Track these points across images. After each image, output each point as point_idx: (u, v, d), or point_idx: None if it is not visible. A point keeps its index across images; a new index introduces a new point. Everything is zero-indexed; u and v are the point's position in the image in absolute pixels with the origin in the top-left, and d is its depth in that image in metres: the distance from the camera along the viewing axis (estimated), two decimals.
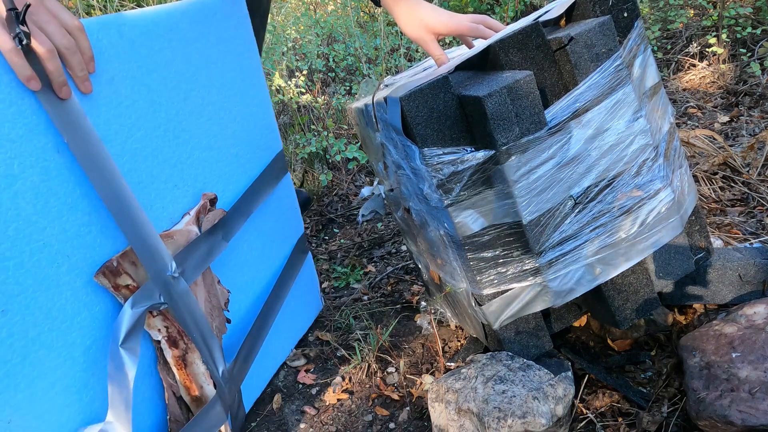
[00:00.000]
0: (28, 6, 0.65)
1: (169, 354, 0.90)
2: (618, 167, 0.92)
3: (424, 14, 1.07)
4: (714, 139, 1.84)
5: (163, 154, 0.92)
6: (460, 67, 0.94)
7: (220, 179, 1.05)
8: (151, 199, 0.90)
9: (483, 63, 0.95)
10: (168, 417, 0.92)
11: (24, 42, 0.64)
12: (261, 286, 1.20)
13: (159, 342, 0.90)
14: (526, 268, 0.96)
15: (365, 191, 2.20)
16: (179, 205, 0.95)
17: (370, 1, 0.97)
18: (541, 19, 0.91)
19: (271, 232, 1.23)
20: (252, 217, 1.14)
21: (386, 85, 1.09)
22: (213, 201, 0.99)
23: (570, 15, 0.99)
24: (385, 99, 0.91)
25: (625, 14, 0.95)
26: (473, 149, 0.88)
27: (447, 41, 3.32)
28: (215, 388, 0.95)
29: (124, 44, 0.84)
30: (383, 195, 1.94)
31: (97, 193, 0.79)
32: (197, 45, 0.99)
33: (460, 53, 1.06)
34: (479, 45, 0.95)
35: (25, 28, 0.64)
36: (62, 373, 0.76)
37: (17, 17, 0.63)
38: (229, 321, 1.05)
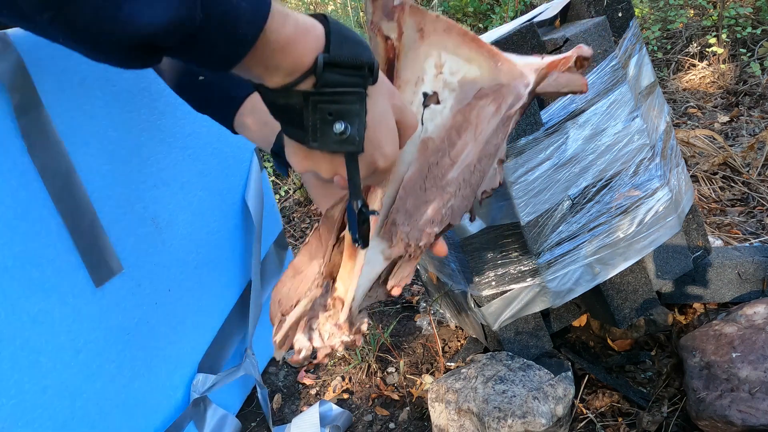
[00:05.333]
0: None
1: None
2: (615, 167, 0.92)
3: None
4: (714, 139, 1.84)
5: (143, 154, 0.93)
6: None
7: (199, 178, 1.07)
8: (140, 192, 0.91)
9: None
10: None
11: None
12: (240, 275, 1.21)
13: None
14: (525, 269, 0.96)
15: None
16: (161, 203, 0.97)
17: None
18: (535, 20, 0.91)
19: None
20: None
21: None
22: (587, 60, 0.66)
23: (565, 15, 0.99)
24: None
25: (620, 14, 0.95)
26: None
27: None
28: None
29: None
30: None
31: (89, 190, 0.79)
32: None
33: None
34: None
35: None
36: (53, 378, 0.75)
37: None
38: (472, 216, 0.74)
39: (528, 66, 0.61)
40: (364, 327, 0.60)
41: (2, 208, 0.70)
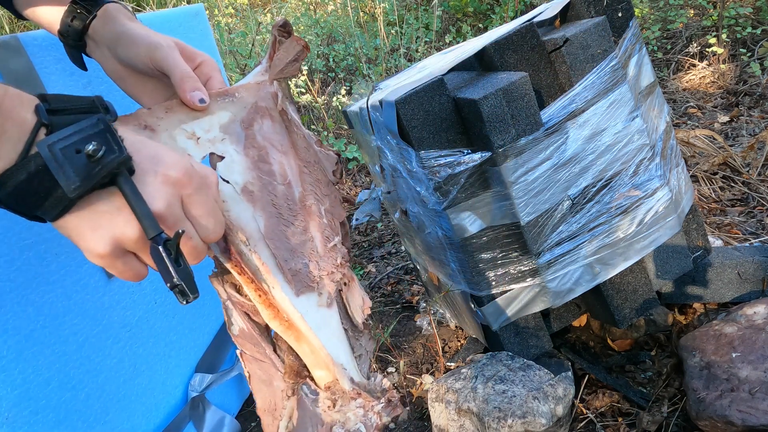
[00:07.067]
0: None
1: (216, 250, 0.55)
2: (615, 167, 0.92)
3: None
4: (714, 139, 1.84)
5: None
6: (455, 69, 0.94)
7: None
8: None
9: (478, 64, 0.96)
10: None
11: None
12: None
13: None
14: (525, 269, 0.96)
15: (362, 195, 2.21)
16: None
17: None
18: (535, 20, 0.91)
19: None
20: None
21: (379, 89, 1.09)
22: (285, 27, 0.66)
23: (564, 15, 0.99)
24: (381, 102, 0.91)
25: (620, 14, 0.95)
26: (470, 151, 0.89)
27: (447, 41, 3.33)
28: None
29: None
30: (380, 197, 1.95)
31: None
32: None
33: (456, 54, 1.06)
34: (474, 46, 0.95)
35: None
36: (57, 370, 0.76)
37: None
38: (350, 202, 0.68)
39: (256, 75, 0.63)
40: (386, 382, 0.56)
41: None
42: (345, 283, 0.59)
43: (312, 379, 0.55)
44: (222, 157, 0.55)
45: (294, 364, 0.55)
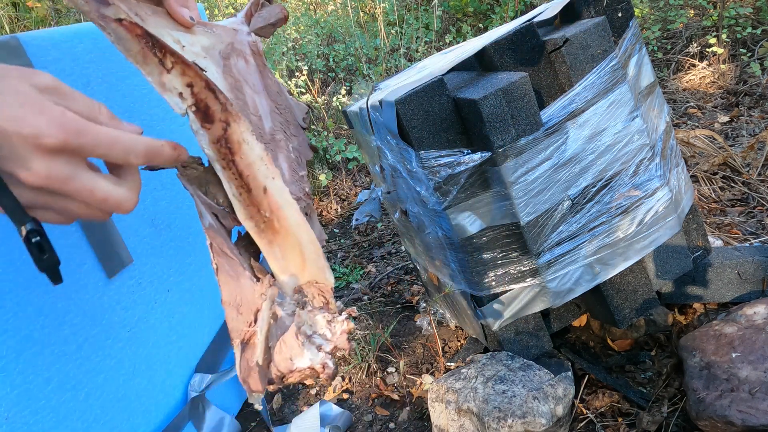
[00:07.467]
0: None
1: (205, 140, 0.50)
2: (615, 167, 0.92)
3: None
4: (714, 139, 1.84)
5: None
6: (455, 69, 0.94)
7: None
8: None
9: (478, 64, 0.96)
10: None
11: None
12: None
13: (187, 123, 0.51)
14: (525, 269, 0.96)
15: (362, 196, 2.21)
16: (160, 206, 0.98)
17: None
18: (535, 20, 0.91)
19: None
20: None
21: (379, 89, 1.09)
22: None
23: (565, 16, 0.99)
24: (380, 102, 0.91)
25: (620, 14, 0.95)
26: (470, 151, 0.89)
27: (447, 41, 3.33)
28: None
29: (97, 51, 0.86)
30: (380, 197, 1.95)
31: None
32: None
33: (456, 54, 1.06)
34: (474, 46, 0.95)
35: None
36: (57, 370, 0.76)
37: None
38: (315, 149, 0.71)
39: (233, 23, 0.66)
40: (340, 304, 0.56)
41: None
42: (307, 213, 0.59)
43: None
44: (204, 71, 0.54)
45: (260, 267, 0.54)
